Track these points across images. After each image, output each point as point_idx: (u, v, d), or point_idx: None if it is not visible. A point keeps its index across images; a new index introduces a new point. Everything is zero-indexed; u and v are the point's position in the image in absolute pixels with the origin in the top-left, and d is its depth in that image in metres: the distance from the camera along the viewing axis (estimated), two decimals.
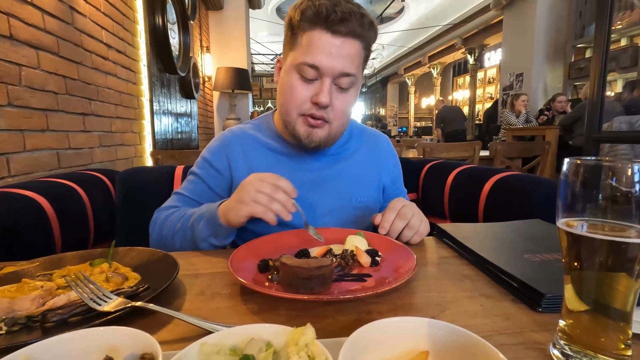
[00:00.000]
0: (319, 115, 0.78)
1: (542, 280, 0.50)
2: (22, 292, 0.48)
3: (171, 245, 0.78)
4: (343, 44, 0.74)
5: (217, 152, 0.89)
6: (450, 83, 12.52)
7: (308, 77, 0.76)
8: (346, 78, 0.76)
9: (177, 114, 3.25)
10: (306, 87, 0.77)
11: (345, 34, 0.73)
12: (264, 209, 0.65)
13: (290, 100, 0.79)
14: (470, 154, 2.75)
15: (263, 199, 0.65)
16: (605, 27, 1.80)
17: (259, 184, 0.66)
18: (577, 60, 5.56)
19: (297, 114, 0.79)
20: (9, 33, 1.22)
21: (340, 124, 0.82)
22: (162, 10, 2.64)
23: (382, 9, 8.14)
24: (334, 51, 0.73)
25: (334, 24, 0.72)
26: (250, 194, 0.66)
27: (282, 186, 0.66)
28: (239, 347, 0.33)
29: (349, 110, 0.82)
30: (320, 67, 0.74)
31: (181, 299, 0.52)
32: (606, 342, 0.35)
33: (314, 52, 0.74)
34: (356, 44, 0.75)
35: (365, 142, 0.97)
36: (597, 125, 1.88)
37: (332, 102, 0.77)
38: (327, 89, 0.75)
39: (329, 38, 0.73)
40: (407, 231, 0.73)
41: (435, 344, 0.34)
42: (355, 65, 0.77)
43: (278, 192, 0.66)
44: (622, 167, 0.32)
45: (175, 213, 0.82)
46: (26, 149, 1.30)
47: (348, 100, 0.80)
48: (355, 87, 0.80)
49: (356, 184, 0.91)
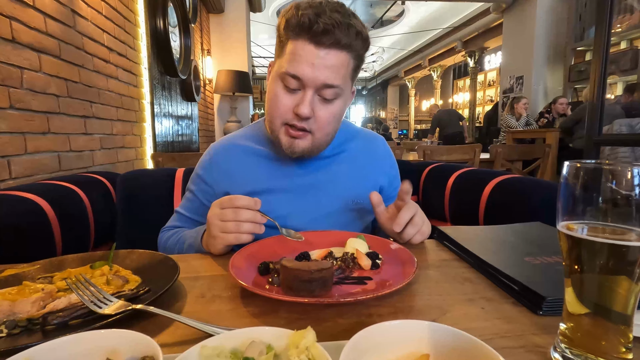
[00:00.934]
0: (300, 126, 0.77)
1: (543, 283, 0.50)
2: (23, 295, 0.48)
3: None
4: (327, 55, 0.71)
5: (206, 167, 0.90)
6: (450, 86, 12.54)
7: (291, 87, 0.75)
8: (330, 89, 0.74)
9: (178, 116, 3.26)
10: (289, 96, 0.76)
11: (329, 45, 0.71)
12: (235, 235, 0.66)
13: (274, 109, 0.78)
14: (470, 156, 2.75)
15: (230, 226, 0.65)
16: (605, 30, 1.81)
17: (220, 213, 0.66)
18: (577, 63, 5.57)
19: (280, 122, 0.78)
20: (11, 36, 1.23)
21: (324, 134, 0.81)
22: (164, 13, 2.66)
23: (383, 12, 8.17)
24: (317, 62, 0.71)
25: (316, 35, 0.70)
26: (217, 226, 0.66)
27: (242, 205, 0.66)
28: (240, 350, 0.33)
29: (335, 120, 0.80)
30: (302, 78, 0.73)
31: (182, 301, 0.52)
32: (607, 345, 0.35)
33: (296, 62, 0.72)
34: (341, 54, 0.73)
35: (361, 144, 0.97)
36: (598, 128, 1.88)
37: (315, 112, 0.76)
38: (309, 100, 0.74)
39: (312, 49, 0.71)
40: (410, 228, 0.73)
41: (436, 347, 0.34)
42: (340, 76, 0.74)
43: (241, 213, 0.65)
44: (622, 170, 0.32)
45: (173, 236, 0.85)
46: (27, 152, 1.31)
47: (333, 111, 0.78)
48: (341, 98, 0.79)
49: (352, 186, 0.90)
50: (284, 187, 0.86)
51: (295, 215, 0.85)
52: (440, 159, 2.67)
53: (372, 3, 7.79)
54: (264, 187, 0.86)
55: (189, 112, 3.64)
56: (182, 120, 3.38)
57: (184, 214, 0.91)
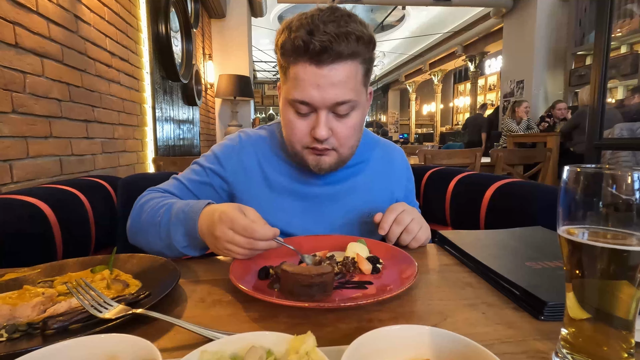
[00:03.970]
0: (322, 148, 0.74)
1: (544, 288, 0.49)
2: (23, 299, 0.48)
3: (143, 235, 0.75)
4: (330, 72, 0.68)
5: (229, 152, 0.86)
6: (451, 90, 12.58)
7: (302, 112, 0.73)
8: (343, 105, 0.71)
9: (179, 120, 3.27)
10: (303, 121, 0.74)
11: (331, 61, 0.67)
12: (242, 257, 0.62)
13: (292, 135, 0.77)
14: (471, 160, 2.75)
15: (241, 252, 0.61)
16: (605, 35, 1.81)
17: (231, 238, 0.59)
18: (578, 68, 5.59)
19: (301, 147, 0.77)
20: (14, 41, 1.24)
21: (348, 148, 0.78)
22: (166, 18, 2.68)
23: (383, 17, 8.21)
24: (322, 82, 0.68)
25: (315, 55, 0.66)
26: (225, 246, 0.61)
27: (260, 238, 0.59)
28: (240, 354, 0.33)
29: (356, 132, 0.77)
30: (311, 103, 0.70)
31: (182, 306, 0.52)
32: (609, 350, 0.35)
33: (301, 87, 0.69)
34: (347, 66, 0.69)
35: (380, 155, 0.94)
36: (598, 132, 1.88)
37: (334, 130, 0.74)
38: (323, 122, 0.71)
39: (314, 70, 0.68)
40: (405, 235, 0.73)
41: (437, 353, 0.34)
42: (350, 89, 0.70)
43: (256, 245, 0.60)
44: (622, 175, 0.32)
45: (163, 201, 0.76)
46: (29, 156, 1.31)
47: (351, 124, 0.75)
48: (358, 109, 0.75)
49: (369, 199, 0.88)
50: (301, 195, 0.85)
51: (308, 225, 0.83)
52: (441, 163, 2.67)
53: (372, 8, 7.83)
54: (280, 192, 0.84)
55: (190, 116, 3.66)
56: (183, 125, 3.39)
57: (185, 185, 0.84)
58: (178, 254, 0.71)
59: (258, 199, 0.83)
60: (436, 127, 11.95)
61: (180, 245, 0.69)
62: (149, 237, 0.74)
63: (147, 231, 0.74)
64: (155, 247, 0.73)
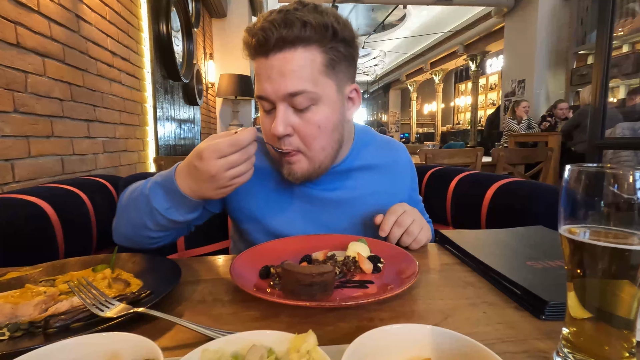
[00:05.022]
0: (285, 149, 0.70)
1: (545, 287, 0.49)
2: (25, 298, 0.48)
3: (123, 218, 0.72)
4: (278, 61, 0.65)
5: None
6: (452, 89, 12.56)
7: (266, 109, 0.71)
8: (299, 97, 0.66)
9: (180, 120, 3.28)
10: (268, 118, 0.71)
11: (277, 49, 0.65)
12: (247, 175, 0.62)
13: (264, 135, 0.75)
14: (472, 160, 2.75)
15: (243, 169, 0.60)
16: (607, 34, 1.81)
17: (226, 163, 0.58)
18: (579, 67, 5.57)
19: (272, 148, 0.73)
20: (15, 41, 1.24)
21: (318, 149, 0.72)
22: (167, 18, 2.68)
23: (384, 16, 8.20)
24: (272, 73, 0.66)
25: (261, 46, 0.65)
26: (226, 177, 0.59)
27: (245, 141, 0.59)
28: (241, 353, 0.33)
29: (323, 130, 0.71)
30: (266, 96, 0.68)
31: (183, 305, 0.52)
32: (610, 350, 0.35)
33: (258, 81, 0.69)
34: (295, 53, 0.65)
35: (383, 155, 0.90)
36: (600, 131, 1.88)
37: (295, 127, 0.69)
38: (280, 117, 0.67)
39: (264, 62, 0.67)
40: (406, 237, 0.73)
41: (438, 352, 0.34)
42: (303, 77, 0.66)
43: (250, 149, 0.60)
44: (623, 174, 0.32)
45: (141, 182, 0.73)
46: (31, 155, 1.32)
47: (315, 120, 0.69)
48: (322, 103, 0.69)
49: (372, 202, 0.84)
50: (301, 197, 0.83)
51: (309, 229, 0.82)
52: (442, 163, 2.67)
53: (373, 7, 7.83)
54: (280, 194, 0.83)
55: (191, 115, 3.66)
56: (184, 124, 3.39)
57: None
58: (162, 222, 0.67)
59: (254, 199, 0.83)
60: (437, 127, 11.93)
61: (163, 208, 0.65)
62: (130, 213, 0.70)
63: (127, 210, 0.71)
64: (137, 222, 0.69)
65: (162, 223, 0.68)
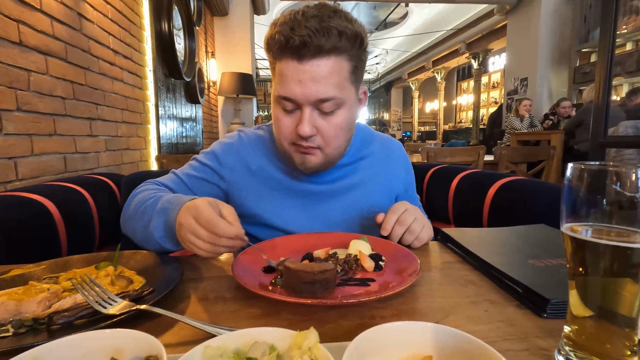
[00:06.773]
0: (307, 145, 0.74)
1: (547, 285, 0.49)
2: (29, 295, 0.48)
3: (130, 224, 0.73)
4: (312, 67, 0.67)
5: (227, 150, 0.87)
6: (454, 88, 12.52)
7: (287, 108, 0.73)
8: (327, 102, 0.70)
9: (182, 118, 3.28)
10: (289, 118, 0.74)
11: (312, 56, 0.67)
12: (207, 254, 0.59)
13: (279, 132, 0.77)
14: (474, 158, 2.74)
15: (202, 246, 0.58)
16: (610, 32, 1.80)
17: (194, 226, 0.58)
18: (582, 65, 5.53)
19: (287, 144, 0.77)
20: (18, 39, 1.24)
21: (335, 147, 0.77)
22: (168, 16, 2.68)
23: (386, 14, 8.18)
24: (304, 78, 0.68)
25: (296, 50, 0.66)
26: (187, 236, 0.59)
27: (222, 234, 0.57)
28: (243, 350, 0.33)
29: (342, 131, 0.76)
30: (293, 98, 0.70)
31: (185, 302, 0.52)
32: (612, 348, 0.35)
33: (285, 83, 0.70)
34: (329, 61, 0.68)
35: (378, 150, 0.94)
36: (603, 129, 1.87)
37: (318, 128, 0.73)
38: (307, 119, 0.71)
39: (295, 65, 0.68)
40: (407, 235, 0.73)
41: (439, 349, 0.34)
42: (333, 85, 0.69)
43: (218, 241, 0.57)
44: (626, 172, 0.32)
45: (155, 193, 0.74)
46: (34, 153, 1.32)
47: (337, 123, 0.74)
48: (344, 107, 0.74)
49: (367, 194, 0.88)
50: (298, 193, 0.85)
51: (306, 223, 0.83)
52: (444, 161, 2.66)
53: (375, 5, 7.80)
54: (278, 190, 0.85)
55: (193, 114, 3.66)
56: (186, 122, 3.40)
57: (182, 180, 0.84)
58: (156, 245, 0.68)
59: (255, 197, 0.84)
60: (439, 125, 11.90)
61: (158, 235, 0.66)
62: (134, 224, 0.72)
63: (133, 218, 0.73)
64: (137, 236, 0.71)
65: (156, 245, 0.68)
